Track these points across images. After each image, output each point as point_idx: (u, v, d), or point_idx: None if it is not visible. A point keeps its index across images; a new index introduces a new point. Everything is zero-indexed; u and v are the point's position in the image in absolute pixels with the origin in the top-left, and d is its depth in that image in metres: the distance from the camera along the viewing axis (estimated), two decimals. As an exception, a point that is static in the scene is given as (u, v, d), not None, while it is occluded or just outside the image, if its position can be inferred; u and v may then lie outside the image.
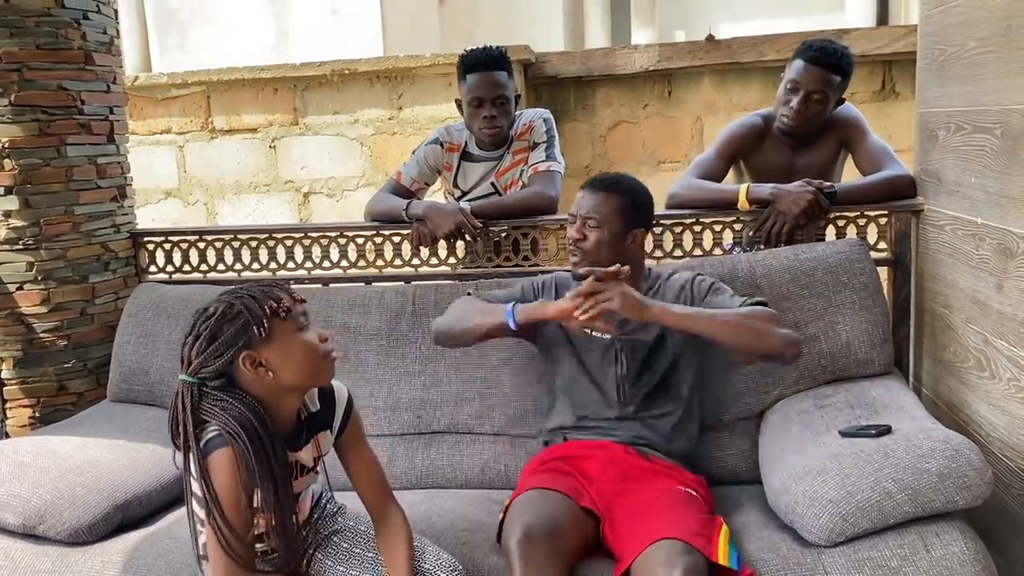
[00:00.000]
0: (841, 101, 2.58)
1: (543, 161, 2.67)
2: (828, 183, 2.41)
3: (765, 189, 2.42)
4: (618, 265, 1.88)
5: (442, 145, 2.77)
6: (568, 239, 2.08)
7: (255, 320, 1.51)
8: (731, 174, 2.75)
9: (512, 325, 1.95)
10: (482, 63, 2.63)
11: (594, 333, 2.03)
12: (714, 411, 2.16)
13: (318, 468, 1.71)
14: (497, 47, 2.69)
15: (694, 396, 2.08)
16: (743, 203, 2.44)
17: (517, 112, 2.76)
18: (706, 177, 2.57)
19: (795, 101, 2.50)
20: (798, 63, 2.51)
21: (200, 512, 1.54)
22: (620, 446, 1.97)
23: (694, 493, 1.86)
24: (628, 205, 2.04)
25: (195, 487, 1.53)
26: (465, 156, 2.77)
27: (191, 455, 1.52)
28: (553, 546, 1.64)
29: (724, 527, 1.72)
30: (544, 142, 2.70)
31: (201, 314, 1.55)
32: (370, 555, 1.67)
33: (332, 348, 1.62)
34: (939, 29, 2.21)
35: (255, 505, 1.52)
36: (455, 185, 2.81)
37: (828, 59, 2.47)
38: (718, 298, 2.01)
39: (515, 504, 1.78)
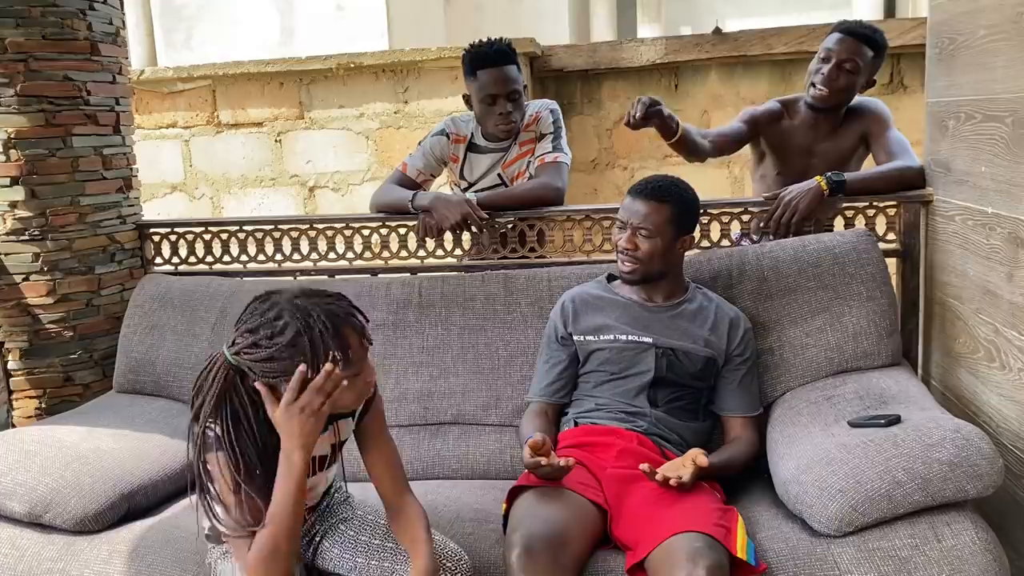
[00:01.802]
0: (872, 83, 2.58)
1: (550, 152, 2.66)
2: (837, 172, 2.40)
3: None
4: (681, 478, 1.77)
5: (448, 136, 2.76)
6: (616, 245, 2.07)
7: (313, 364, 1.45)
8: (753, 156, 2.78)
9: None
10: (491, 59, 2.61)
11: (629, 336, 2.05)
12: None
13: (338, 455, 1.70)
14: (502, 40, 2.68)
15: (711, 422, 2.10)
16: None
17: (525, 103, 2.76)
18: (724, 132, 2.63)
19: (827, 69, 2.51)
20: (832, 36, 2.55)
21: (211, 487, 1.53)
22: (634, 435, 1.95)
23: (707, 485, 1.85)
24: (680, 213, 2.05)
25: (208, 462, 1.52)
26: (471, 147, 2.76)
27: (197, 432, 1.50)
28: (555, 556, 1.60)
29: (740, 519, 1.71)
30: (551, 133, 2.69)
31: (269, 321, 1.46)
32: (376, 543, 1.66)
33: (372, 381, 1.59)
34: (949, 18, 2.19)
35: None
36: (461, 176, 2.80)
37: (862, 31, 2.52)
38: (739, 387, 2.05)
39: (517, 508, 1.75)
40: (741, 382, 2.06)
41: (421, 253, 2.68)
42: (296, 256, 2.74)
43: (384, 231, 2.68)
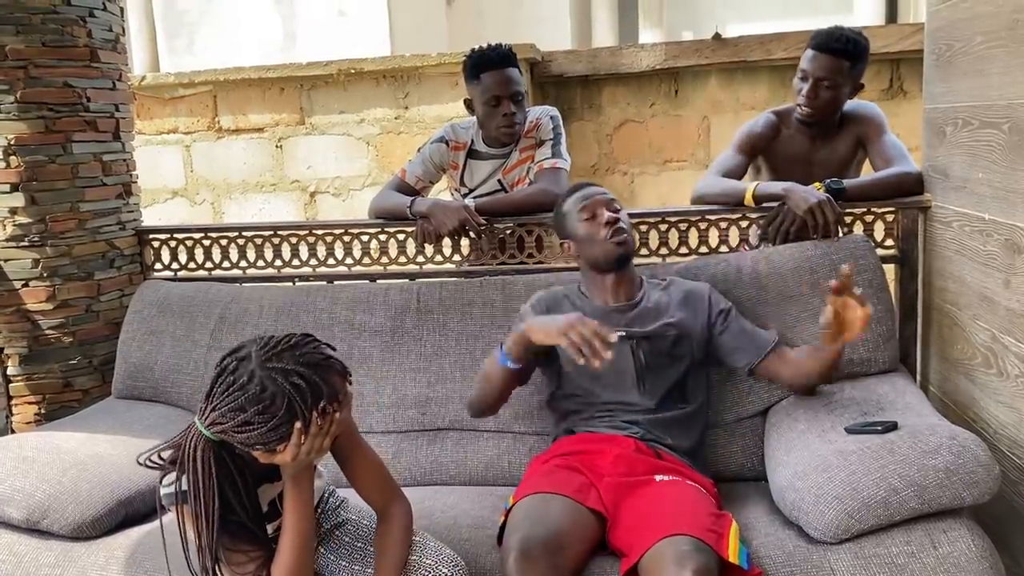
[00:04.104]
0: (860, 87, 2.57)
1: (549, 158, 2.67)
2: (836, 179, 2.39)
3: (776, 187, 2.41)
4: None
5: (448, 144, 2.77)
6: (603, 223, 2.05)
7: (308, 418, 1.43)
8: (749, 172, 2.75)
9: (509, 364, 1.91)
10: (494, 62, 2.63)
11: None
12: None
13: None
14: (503, 45, 2.70)
15: (705, 399, 2.10)
16: (748, 200, 2.43)
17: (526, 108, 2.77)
18: (726, 173, 2.58)
19: (805, 89, 2.51)
20: (807, 52, 2.52)
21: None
22: (631, 441, 1.95)
23: (704, 491, 1.85)
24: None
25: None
26: (472, 154, 2.76)
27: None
28: (552, 561, 1.61)
29: (734, 524, 1.71)
30: (551, 139, 2.70)
31: (256, 396, 1.40)
32: (371, 549, 1.66)
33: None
34: (946, 24, 2.19)
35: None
36: (462, 183, 2.80)
37: (834, 45, 2.47)
38: (744, 332, 2.08)
39: (515, 513, 1.75)
40: (743, 328, 2.08)
41: (420, 259, 2.68)
42: (295, 262, 2.75)
43: (383, 237, 2.69)
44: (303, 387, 1.42)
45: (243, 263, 2.78)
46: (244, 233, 2.77)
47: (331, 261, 2.73)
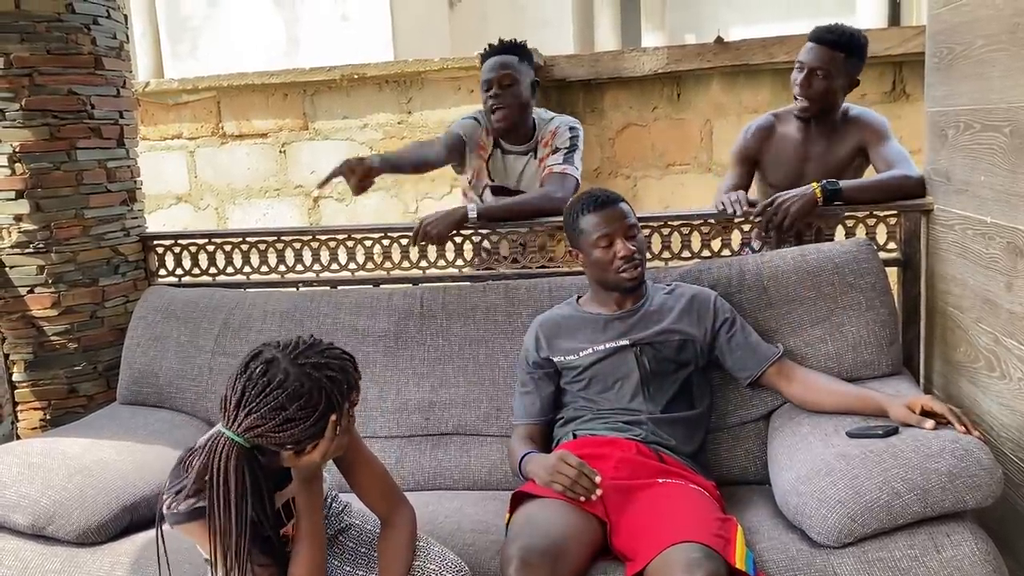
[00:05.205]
0: (856, 83, 2.59)
1: (559, 164, 2.68)
2: (832, 180, 2.40)
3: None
4: None
5: (479, 122, 2.80)
6: (619, 255, 2.03)
7: (342, 409, 1.48)
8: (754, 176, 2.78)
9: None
10: (495, 50, 2.73)
11: (607, 344, 2.06)
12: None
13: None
14: (514, 39, 2.78)
15: (710, 402, 2.11)
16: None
17: (548, 117, 2.80)
18: (734, 187, 2.66)
19: (800, 79, 2.56)
20: (805, 45, 2.59)
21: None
22: (633, 444, 1.95)
23: (707, 494, 1.86)
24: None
25: None
26: (498, 143, 2.81)
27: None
28: (552, 568, 1.60)
29: (740, 528, 1.71)
30: (566, 148, 2.71)
31: (295, 392, 1.43)
32: (375, 554, 1.67)
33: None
34: (947, 28, 2.20)
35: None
36: (490, 176, 2.82)
37: (828, 36, 2.54)
38: (749, 341, 2.08)
39: (515, 520, 1.76)
40: (747, 340, 2.08)
41: (423, 264, 2.69)
42: (299, 267, 2.76)
43: (386, 242, 2.70)
44: (338, 379, 1.48)
45: (247, 269, 2.79)
46: (248, 239, 2.79)
47: (334, 266, 2.74)
